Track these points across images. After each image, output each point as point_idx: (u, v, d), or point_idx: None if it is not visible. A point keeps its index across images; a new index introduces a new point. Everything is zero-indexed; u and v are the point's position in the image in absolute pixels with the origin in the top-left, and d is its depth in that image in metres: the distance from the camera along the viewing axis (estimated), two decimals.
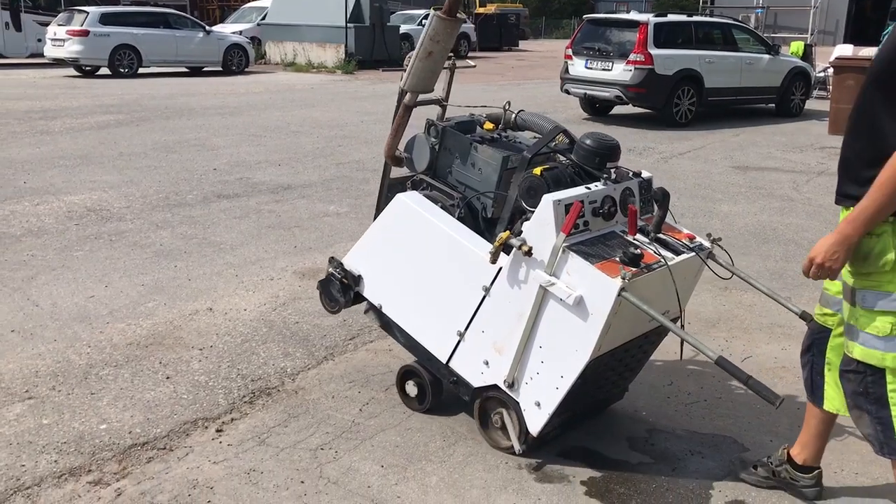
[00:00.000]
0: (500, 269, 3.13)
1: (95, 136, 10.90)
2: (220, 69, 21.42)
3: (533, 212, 3.08)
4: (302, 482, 3.12)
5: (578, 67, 13.28)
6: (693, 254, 3.22)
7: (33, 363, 4.09)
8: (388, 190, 3.93)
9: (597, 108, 14.05)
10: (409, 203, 3.46)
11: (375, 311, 3.65)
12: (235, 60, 21.70)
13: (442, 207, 3.46)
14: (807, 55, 16.63)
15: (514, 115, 3.68)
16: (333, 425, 3.55)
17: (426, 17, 24.01)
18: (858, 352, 2.55)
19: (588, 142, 3.30)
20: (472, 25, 31.42)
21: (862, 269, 2.50)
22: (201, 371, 4.07)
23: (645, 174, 3.38)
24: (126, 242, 6.18)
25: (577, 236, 3.00)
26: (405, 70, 3.62)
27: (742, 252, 6.16)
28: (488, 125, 3.69)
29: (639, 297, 2.82)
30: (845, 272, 2.57)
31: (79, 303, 4.93)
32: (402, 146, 3.76)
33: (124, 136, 10.97)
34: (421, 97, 3.72)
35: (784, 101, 14.37)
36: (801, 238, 6.73)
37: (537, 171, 3.20)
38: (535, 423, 3.16)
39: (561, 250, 2.94)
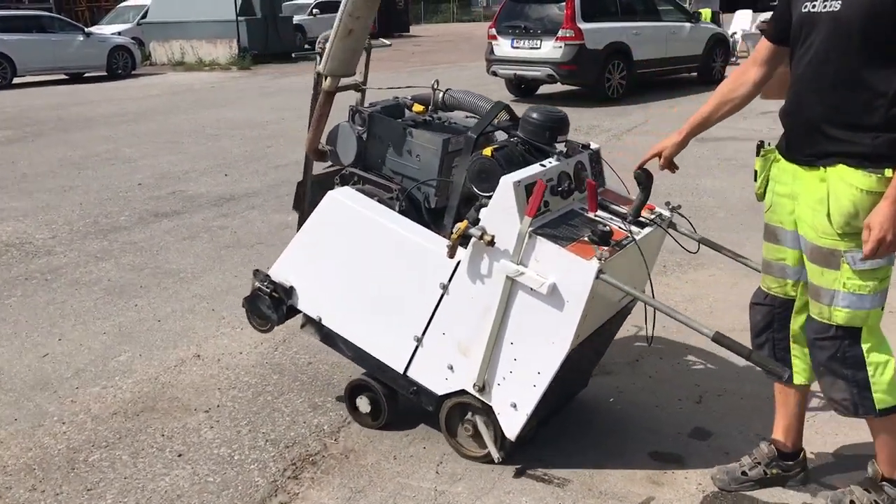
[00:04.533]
0: (458, 263, 2.84)
1: None
2: (105, 73, 19.81)
3: (486, 197, 2.84)
4: None
5: (504, 47, 12.74)
6: (656, 226, 3.03)
7: None
8: (314, 189, 3.52)
9: (522, 89, 13.58)
10: (343, 200, 3.10)
11: (314, 324, 3.28)
12: (121, 63, 20.07)
13: (379, 201, 3.12)
14: (715, 22, 16.64)
15: (441, 95, 3.39)
16: (413, 499, 2.86)
17: (317, 6, 23.06)
18: (843, 316, 2.43)
19: (535, 115, 3.06)
20: None
21: (853, 229, 2.35)
22: (218, 441, 3.29)
23: (593, 145, 3.20)
24: (65, 281, 5.22)
25: (539, 219, 2.76)
26: (319, 53, 3.24)
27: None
28: (417, 107, 3.42)
29: (613, 276, 2.61)
30: (826, 238, 2.41)
31: (32, 365, 4.02)
32: (323, 138, 3.43)
33: (21, 154, 9.72)
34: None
35: (706, 68, 14.27)
36: None
37: (487, 151, 2.92)
38: (513, 426, 2.87)
39: (527, 236, 2.67)
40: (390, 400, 3.25)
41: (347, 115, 3.37)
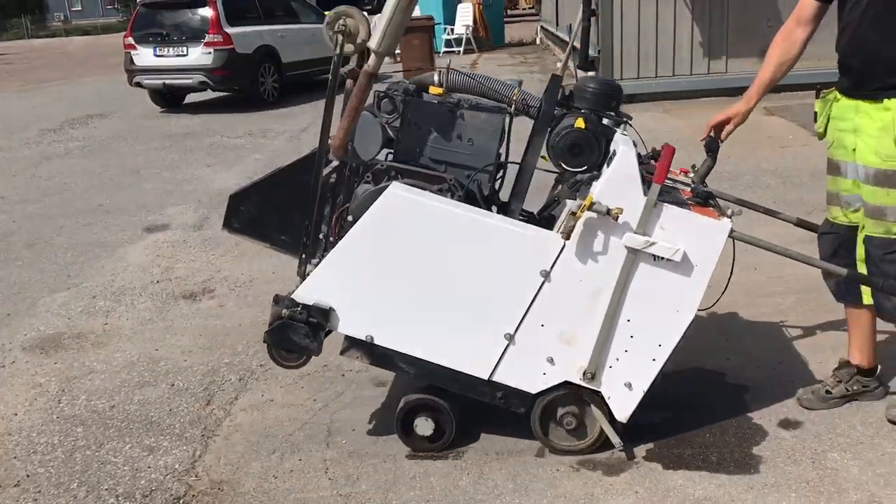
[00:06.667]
0: (563, 245, 2.69)
1: None
2: None
3: (579, 172, 2.85)
4: None
5: (146, 57, 11.99)
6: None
7: None
8: (252, 202, 3.25)
9: (168, 99, 12.86)
10: (410, 196, 2.78)
11: (363, 346, 2.92)
12: None
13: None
14: None
15: (444, 76, 3.14)
16: None
17: None
18: None
19: (594, 85, 3.00)
20: None
21: None
22: None
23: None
24: None
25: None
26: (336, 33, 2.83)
27: None
28: (436, 90, 3.11)
29: None
30: (891, 160, 2.71)
31: None
32: None
33: None
34: None
35: None
36: None
37: (580, 123, 2.84)
38: (626, 407, 2.82)
39: (653, 204, 2.63)
40: (458, 417, 2.96)
41: (373, 103, 2.99)
